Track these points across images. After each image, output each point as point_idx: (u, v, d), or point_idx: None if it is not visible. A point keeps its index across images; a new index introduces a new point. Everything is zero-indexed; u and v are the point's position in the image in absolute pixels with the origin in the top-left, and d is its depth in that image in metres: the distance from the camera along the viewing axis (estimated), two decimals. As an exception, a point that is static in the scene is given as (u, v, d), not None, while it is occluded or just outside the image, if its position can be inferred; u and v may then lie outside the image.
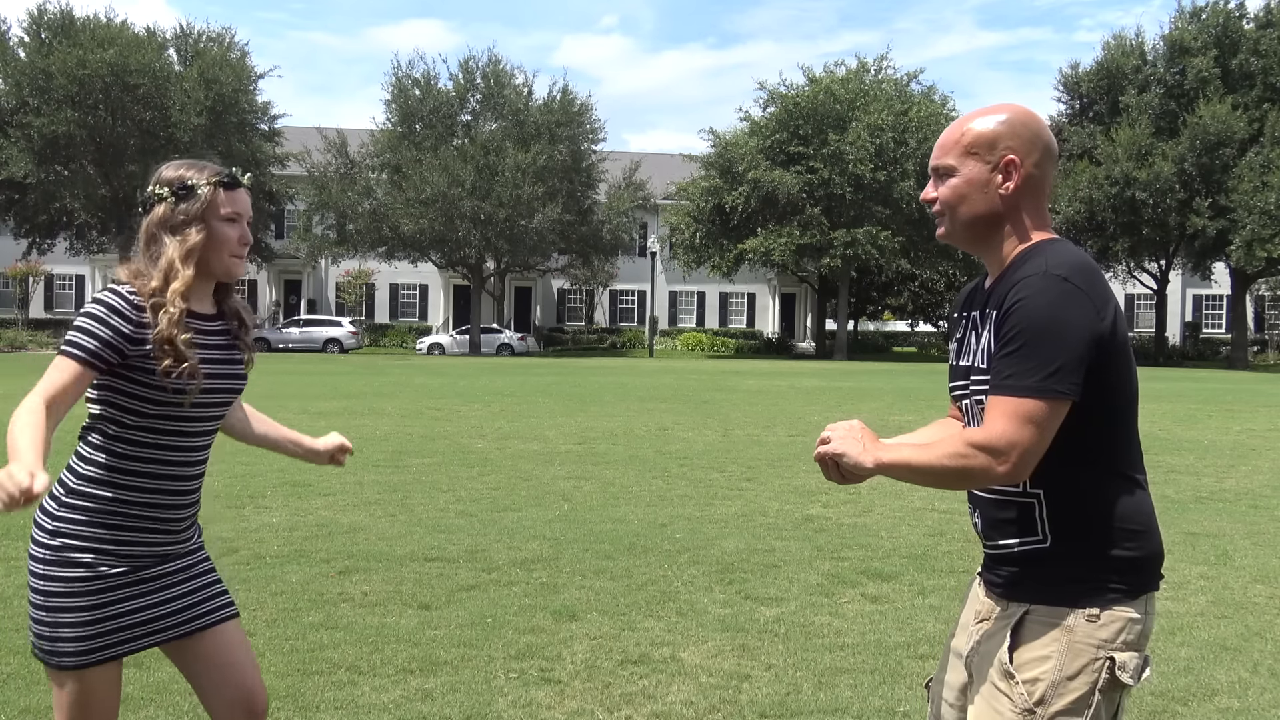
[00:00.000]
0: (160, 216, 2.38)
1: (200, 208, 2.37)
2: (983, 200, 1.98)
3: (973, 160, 1.98)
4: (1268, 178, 39.18)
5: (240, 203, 2.45)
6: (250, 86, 44.61)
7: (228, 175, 2.43)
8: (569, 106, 44.98)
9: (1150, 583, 1.95)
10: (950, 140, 2.01)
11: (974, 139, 1.98)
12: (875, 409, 17.09)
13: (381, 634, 4.60)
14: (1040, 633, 1.90)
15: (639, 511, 7.64)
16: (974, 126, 1.99)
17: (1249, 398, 22.07)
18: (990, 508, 2.01)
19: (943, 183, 2.02)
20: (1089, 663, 1.86)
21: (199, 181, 2.39)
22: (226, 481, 8.57)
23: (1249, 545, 6.85)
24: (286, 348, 42.72)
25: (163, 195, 2.39)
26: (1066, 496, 1.92)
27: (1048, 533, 1.93)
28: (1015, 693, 1.88)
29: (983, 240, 2.02)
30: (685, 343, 49.91)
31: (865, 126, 42.13)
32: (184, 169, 2.43)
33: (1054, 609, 1.90)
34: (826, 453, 1.95)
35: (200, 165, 2.45)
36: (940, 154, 2.02)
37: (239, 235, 2.43)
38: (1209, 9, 43.58)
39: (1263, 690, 4.14)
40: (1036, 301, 1.84)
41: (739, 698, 3.95)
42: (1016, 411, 1.82)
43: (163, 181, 2.41)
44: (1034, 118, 2.01)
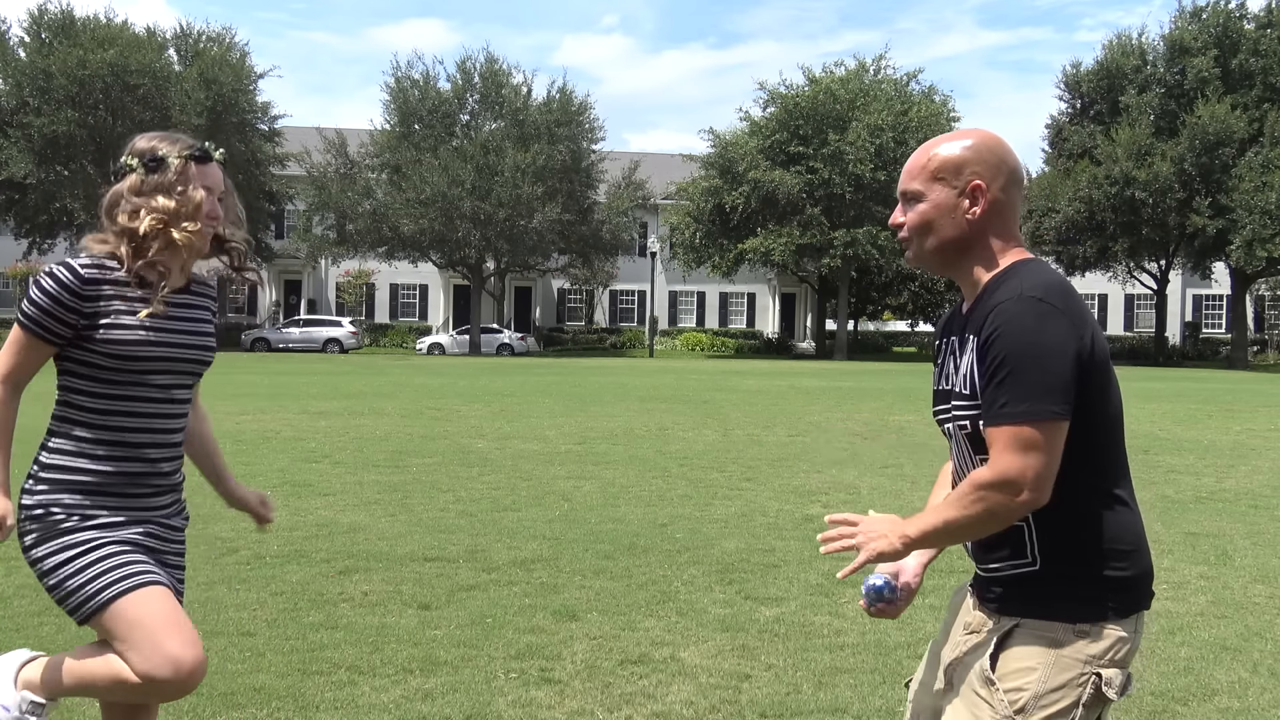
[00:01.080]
0: (130, 185, 2.39)
1: (171, 179, 2.37)
2: (950, 225, 1.98)
3: (939, 185, 1.98)
4: (1268, 178, 39.19)
5: (211, 176, 2.44)
6: (250, 86, 44.64)
7: (199, 149, 2.43)
8: (568, 106, 44.99)
9: (1141, 601, 1.95)
10: (917, 166, 2.01)
11: (940, 164, 1.98)
12: (875, 409, 17.10)
13: (381, 634, 4.60)
14: (1028, 644, 1.90)
15: (639, 511, 7.64)
16: (940, 152, 1.99)
17: (1249, 398, 22.07)
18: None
19: (910, 208, 2.02)
20: (1075, 677, 1.87)
21: (170, 153, 2.39)
22: (226, 481, 8.56)
23: (1249, 545, 6.85)
24: (286, 348, 42.73)
25: (133, 166, 2.39)
26: (1054, 518, 1.91)
27: (1037, 555, 1.93)
28: (996, 700, 1.89)
29: (952, 265, 2.03)
30: (685, 343, 49.92)
31: (865, 126, 42.15)
32: (156, 140, 2.43)
33: (1045, 623, 1.91)
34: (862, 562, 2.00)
35: (173, 138, 2.44)
36: (907, 179, 2.02)
37: (209, 210, 2.43)
38: (1209, 9, 43.60)
39: (1263, 690, 4.14)
40: (1015, 326, 1.84)
41: (739, 698, 3.94)
42: (1018, 439, 1.82)
43: (135, 152, 2.41)
44: (1000, 142, 2.02)
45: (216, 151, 2.49)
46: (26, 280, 48.14)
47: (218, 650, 4.32)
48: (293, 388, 20.10)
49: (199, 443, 2.75)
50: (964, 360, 1.96)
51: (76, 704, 3.71)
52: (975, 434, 1.94)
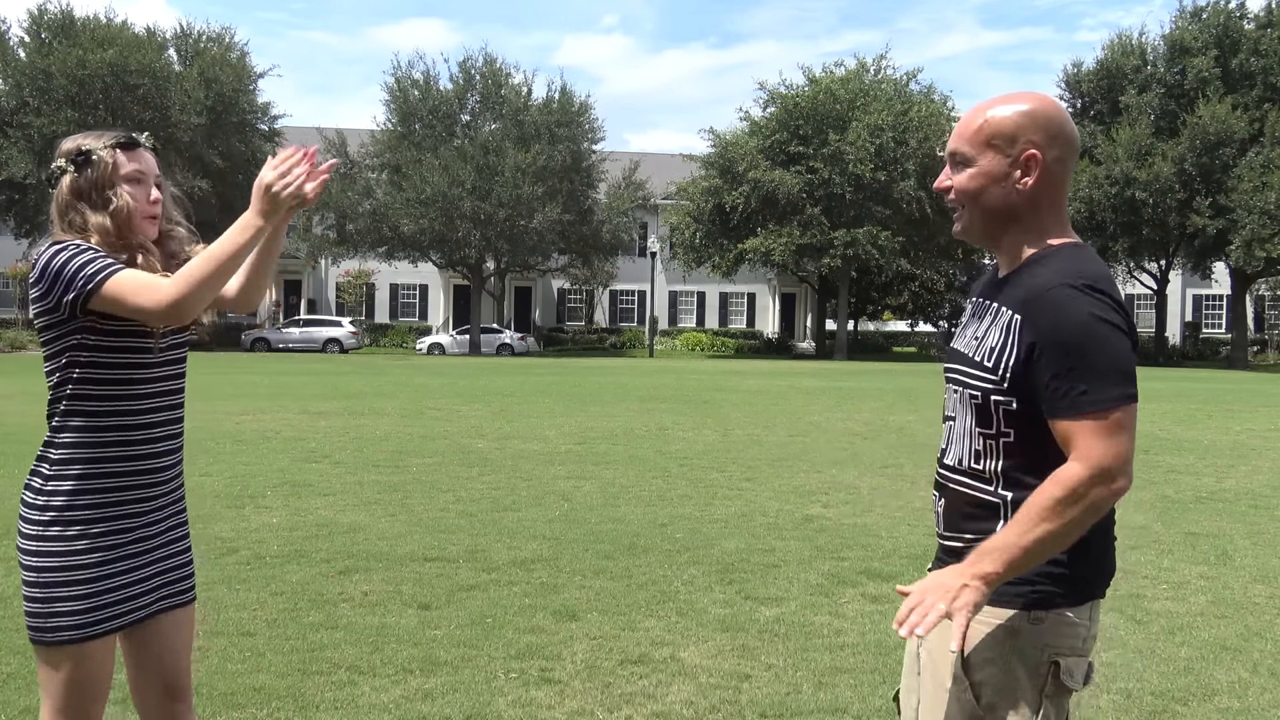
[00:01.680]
0: (69, 188, 2.36)
1: (106, 172, 2.35)
2: (999, 194, 1.90)
3: (991, 152, 1.89)
4: (1268, 178, 39.19)
5: (144, 160, 2.42)
6: (250, 86, 44.66)
7: (125, 137, 2.41)
8: (568, 106, 44.99)
9: (1095, 590, 1.92)
10: (969, 128, 1.92)
11: (994, 130, 1.88)
12: (875, 409, 17.09)
13: (381, 634, 4.60)
14: (986, 635, 1.87)
15: (639, 511, 7.64)
16: (994, 115, 1.89)
17: (1249, 398, 22.07)
18: (956, 499, 1.96)
19: (958, 171, 1.93)
20: (1035, 665, 1.85)
21: (95, 147, 2.36)
22: (226, 481, 8.57)
23: (1249, 545, 6.85)
24: (286, 348, 42.75)
25: (64, 168, 2.36)
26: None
27: None
28: (964, 697, 1.87)
29: (995, 236, 1.95)
30: (685, 343, 49.91)
31: (865, 126, 42.13)
32: (80, 138, 2.41)
33: (998, 610, 1.87)
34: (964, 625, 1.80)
35: (98, 133, 2.42)
36: (957, 140, 1.93)
37: (147, 195, 2.40)
38: (1210, 9, 43.60)
39: (1263, 690, 4.14)
40: (1076, 315, 1.79)
41: (739, 698, 3.95)
42: (1107, 427, 1.77)
43: (61, 154, 2.39)
44: (1057, 108, 1.92)
45: (144, 137, 2.46)
46: (26, 281, 48.23)
47: (218, 650, 4.32)
48: (293, 388, 20.10)
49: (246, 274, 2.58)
50: (991, 332, 1.90)
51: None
52: (985, 406, 1.89)
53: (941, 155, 2.03)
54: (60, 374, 2.34)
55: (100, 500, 2.33)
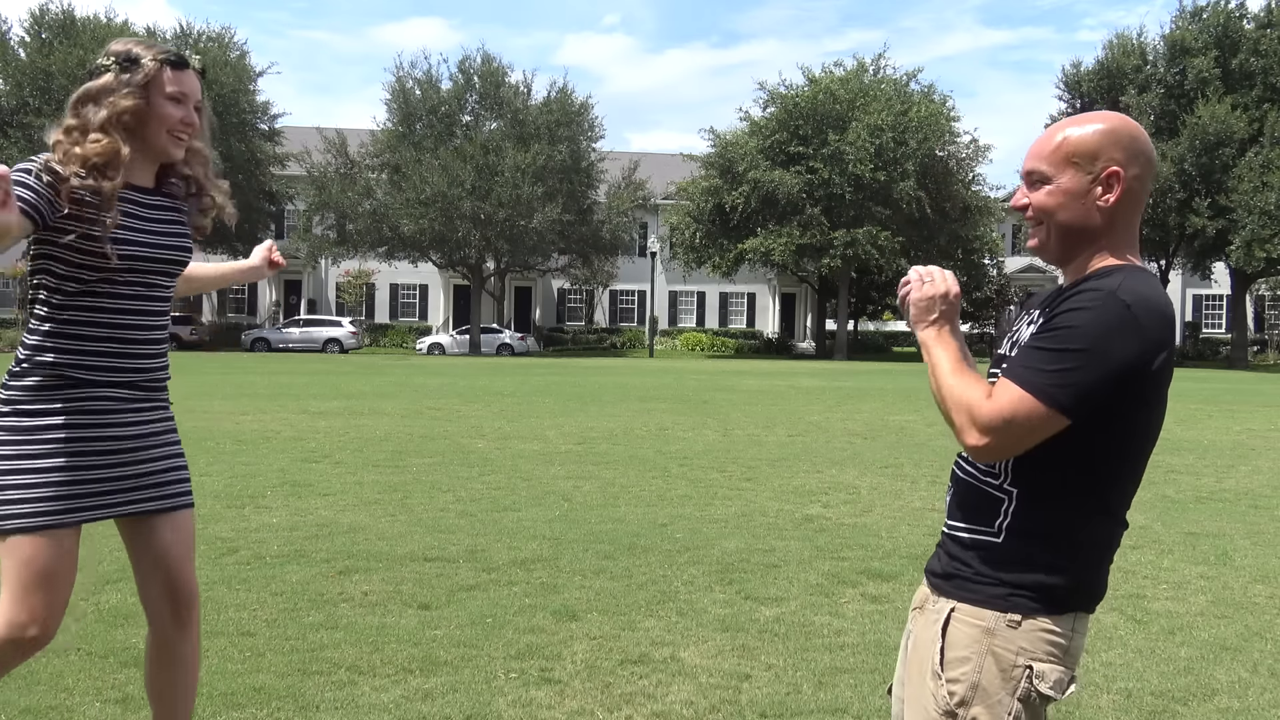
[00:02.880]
0: (101, 84, 2.34)
1: (143, 78, 2.33)
2: (1079, 211, 1.90)
3: (1072, 169, 1.89)
4: (1268, 178, 39.20)
5: (187, 83, 2.40)
6: (250, 86, 44.66)
7: (175, 54, 2.39)
8: (567, 106, 45.00)
9: (1080, 603, 1.91)
10: (1046, 146, 1.92)
11: (1074, 147, 1.89)
12: (876, 409, 17.09)
13: (381, 634, 4.60)
14: (964, 633, 1.89)
15: (639, 511, 7.64)
16: (1073, 134, 1.90)
17: (1249, 398, 22.06)
18: (965, 490, 1.98)
19: (1036, 190, 1.94)
20: (1009, 668, 1.85)
21: (145, 56, 2.35)
22: (226, 481, 8.57)
23: (1249, 545, 6.85)
24: (286, 348, 42.75)
25: (107, 65, 2.35)
26: (1038, 507, 1.88)
27: (1002, 530, 1.90)
28: (940, 693, 1.88)
29: (1071, 255, 1.95)
30: (685, 343, 49.92)
31: (865, 126, 42.14)
32: (132, 43, 2.39)
33: (977, 610, 1.88)
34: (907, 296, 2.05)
35: (150, 43, 2.40)
36: (1034, 159, 1.93)
37: (182, 115, 2.39)
38: (1210, 9, 43.61)
39: (1263, 690, 4.14)
40: (1089, 316, 1.79)
41: (739, 698, 3.94)
42: (1015, 402, 1.80)
43: (109, 53, 2.37)
44: (1137, 127, 1.93)
45: (194, 58, 2.44)
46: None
47: (218, 650, 4.32)
48: (293, 388, 20.10)
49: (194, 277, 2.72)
50: (1028, 331, 1.93)
51: (77, 704, 3.71)
52: None
53: (941, 155, 2.06)
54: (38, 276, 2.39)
55: (63, 395, 2.31)
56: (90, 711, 3.66)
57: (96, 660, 4.05)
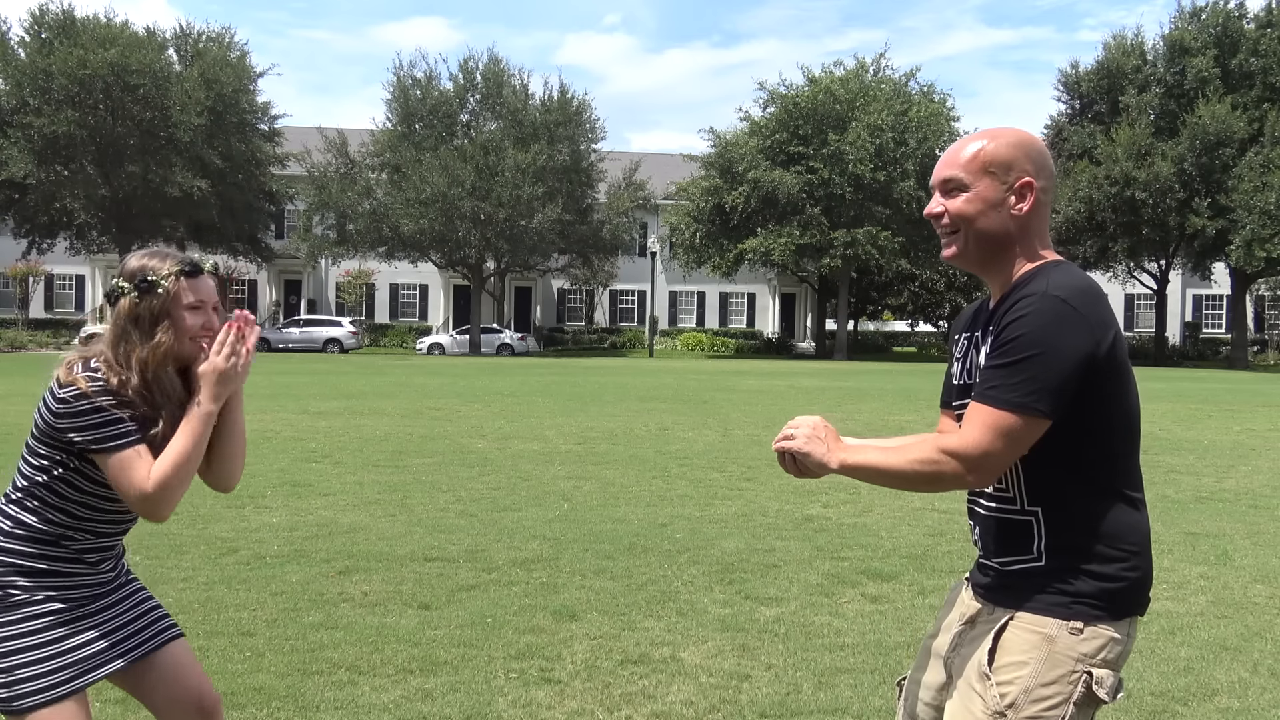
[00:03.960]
0: (126, 311, 2.40)
1: (163, 303, 2.38)
2: (997, 219, 1.98)
3: (989, 178, 1.97)
4: (1267, 178, 39.20)
5: (203, 290, 2.45)
6: (250, 86, 44.65)
7: (189, 264, 2.43)
8: (567, 106, 45.00)
9: (1136, 606, 1.96)
10: (961, 156, 2.00)
11: (991, 158, 1.97)
12: (875, 409, 17.10)
13: (381, 634, 4.60)
14: (1022, 639, 1.91)
15: (639, 511, 7.64)
16: (988, 146, 1.99)
17: (1249, 398, 22.07)
18: (990, 525, 2.03)
19: (951, 198, 2.00)
20: (1066, 674, 1.88)
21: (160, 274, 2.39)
22: (226, 481, 8.57)
23: (1249, 545, 6.85)
24: (286, 348, 42.73)
25: (125, 290, 2.40)
26: (1064, 515, 1.93)
27: (1042, 552, 1.94)
28: (989, 694, 1.90)
29: (988, 262, 2.02)
30: (685, 343, 49.91)
31: (865, 126, 42.14)
32: (146, 259, 2.44)
33: (1039, 618, 1.92)
34: (789, 448, 2.05)
35: (163, 254, 2.45)
36: (950, 167, 2.00)
37: (203, 322, 2.44)
38: (1209, 9, 43.60)
39: (1263, 690, 4.14)
40: (1032, 320, 1.86)
41: (739, 698, 3.94)
42: (994, 423, 1.86)
43: (126, 274, 2.42)
44: (1043, 143, 2.05)
45: (208, 263, 2.50)
46: (26, 281, 48.18)
47: (218, 650, 4.32)
48: (293, 388, 20.10)
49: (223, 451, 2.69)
50: (984, 354, 1.97)
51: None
52: None
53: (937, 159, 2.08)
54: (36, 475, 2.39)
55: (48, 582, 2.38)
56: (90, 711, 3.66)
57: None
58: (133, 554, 5.89)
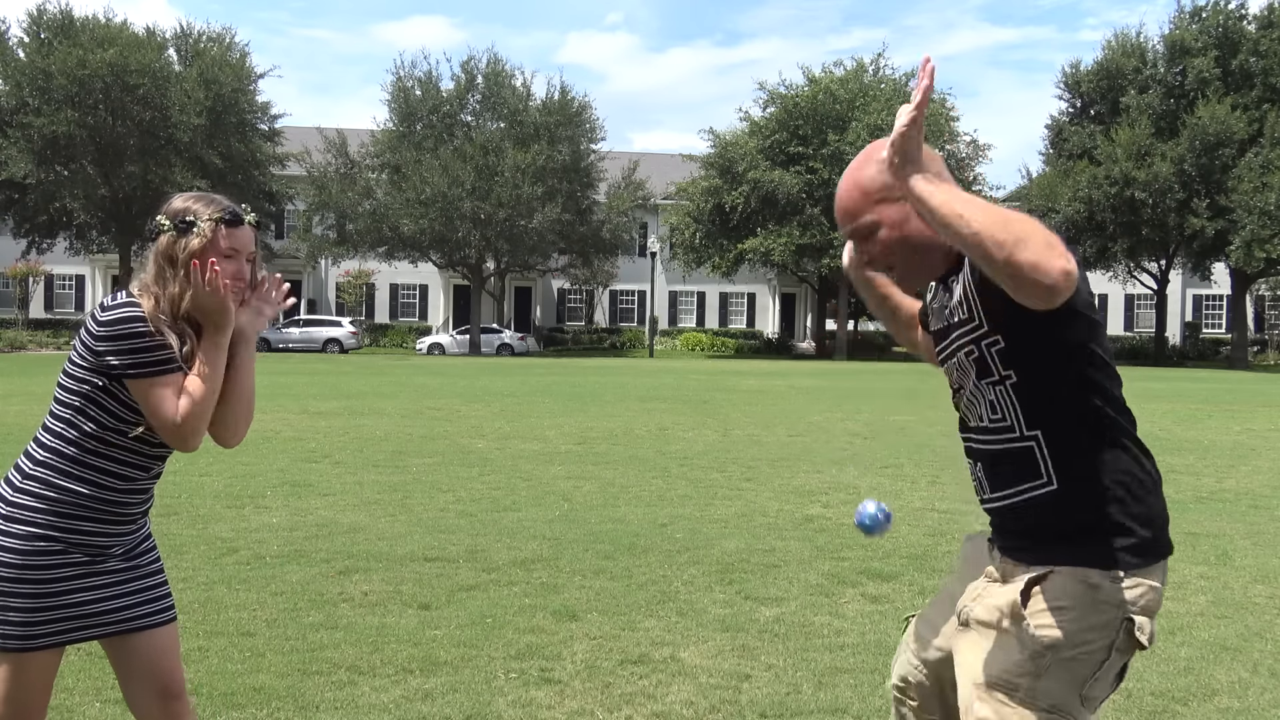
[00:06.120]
0: (163, 247, 2.43)
1: (200, 244, 2.40)
2: (916, 226, 2.02)
3: (885, 205, 2.03)
4: (1267, 178, 39.22)
5: (241, 239, 2.47)
6: (250, 86, 44.66)
7: (230, 212, 2.45)
8: (567, 106, 45.00)
9: (1166, 546, 2.00)
10: (854, 202, 2.05)
11: (876, 186, 2.03)
12: (875, 409, 17.09)
13: (381, 634, 4.60)
14: (1063, 585, 1.92)
15: (639, 511, 7.64)
16: (863, 181, 2.05)
17: (1249, 398, 22.07)
18: (991, 459, 2.04)
19: (872, 243, 2.06)
20: (1109, 620, 1.91)
21: (201, 217, 2.41)
22: (226, 481, 8.57)
23: (1249, 545, 6.85)
24: (286, 348, 42.74)
25: (164, 226, 2.43)
26: (1064, 435, 1.95)
27: (1050, 474, 1.96)
28: (1025, 636, 1.91)
29: (934, 263, 2.07)
30: (685, 343, 49.93)
31: (865, 126, 42.16)
32: (191, 201, 2.46)
33: (1080, 569, 1.93)
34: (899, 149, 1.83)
35: (209, 199, 2.47)
36: (853, 218, 2.06)
37: (234, 271, 2.45)
38: (1210, 9, 43.60)
39: (1263, 690, 4.14)
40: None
41: (739, 698, 3.94)
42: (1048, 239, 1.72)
43: (168, 213, 2.45)
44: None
45: (250, 215, 2.52)
46: (26, 281, 48.18)
47: (218, 650, 4.32)
48: (293, 388, 20.10)
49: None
50: (956, 289, 2.01)
51: (77, 704, 3.71)
52: (981, 357, 1.99)
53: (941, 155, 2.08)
54: (69, 411, 2.39)
55: (64, 525, 2.37)
56: (90, 711, 3.66)
57: (97, 660, 4.04)
58: (133, 554, 5.91)
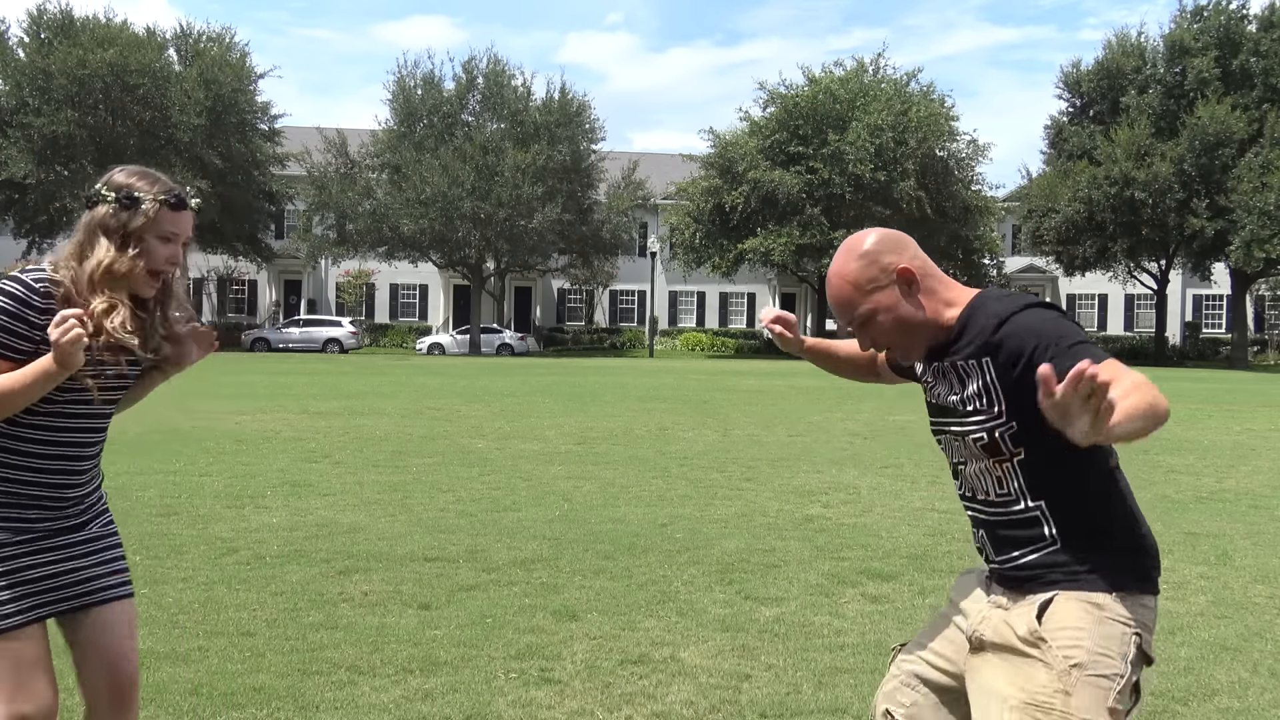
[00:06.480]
0: (99, 217, 2.37)
1: (140, 224, 2.35)
2: (910, 311, 2.15)
3: (879, 293, 2.15)
4: (1267, 178, 39.22)
5: (181, 223, 2.41)
6: (250, 86, 44.66)
7: (174, 195, 2.40)
8: (567, 106, 45.00)
9: (1155, 575, 2.11)
10: (845, 295, 2.17)
11: (865, 279, 2.15)
12: (875, 409, 17.09)
13: (381, 634, 4.60)
14: (1072, 609, 2.01)
15: (639, 511, 7.64)
16: (856, 271, 2.16)
17: (1249, 398, 22.07)
18: (998, 526, 2.14)
19: (871, 327, 2.18)
20: (1121, 635, 1.99)
21: (146, 196, 2.36)
22: (226, 481, 8.57)
23: (1249, 545, 6.85)
24: (286, 348, 42.73)
25: (106, 197, 2.37)
26: (1066, 502, 2.07)
27: (1056, 536, 2.07)
28: (1050, 656, 1.97)
29: (930, 337, 2.18)
30: (685, 343, 49.92)
31: (865, 126, 42.14)
32: (136, 178, 2.40)
33: (1084, 593, 2.02)
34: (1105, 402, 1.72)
35: (153, 178, 2.42)
36: (850, 309, 2.18)
37: (169, 255, 2.40)
38: (1211, 8, 43.59)
39: (1263, 690, 4.14)
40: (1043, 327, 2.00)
41: (739, 698, 3.94)
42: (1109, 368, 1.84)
43: (111, 185, 2.39)
44: (879, 232, 2.21)
45: (193, 199, 2.47)
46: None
47: (218, 650, 4.32)
48: (293, 388, 20.10)
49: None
50: (969, 383, 2.10)
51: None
52: (992, 441, 2.08)
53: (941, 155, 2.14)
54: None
55: (9, 502, 2.36)
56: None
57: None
58: (133, 554, 5.90)
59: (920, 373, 2.30)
